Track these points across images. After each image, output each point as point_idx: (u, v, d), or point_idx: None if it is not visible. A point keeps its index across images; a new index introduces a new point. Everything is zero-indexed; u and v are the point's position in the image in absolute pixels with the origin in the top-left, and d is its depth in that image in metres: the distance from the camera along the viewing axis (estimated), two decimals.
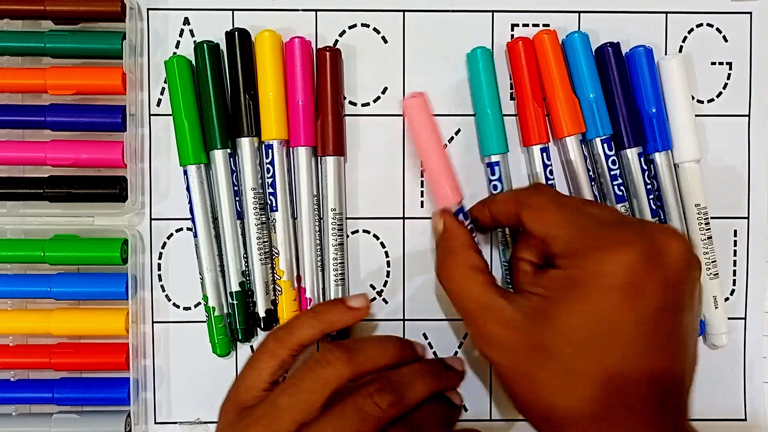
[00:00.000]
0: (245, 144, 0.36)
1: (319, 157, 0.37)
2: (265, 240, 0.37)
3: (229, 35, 0.36)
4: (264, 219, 0.36)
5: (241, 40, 0.36)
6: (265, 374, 0.30)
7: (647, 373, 0.26)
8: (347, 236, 0.38)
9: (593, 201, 0.36)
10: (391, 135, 0.38)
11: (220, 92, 0.36)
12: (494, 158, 0.36)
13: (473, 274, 0.31)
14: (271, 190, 0.36)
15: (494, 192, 0.37)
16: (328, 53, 0.36)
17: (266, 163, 0.36)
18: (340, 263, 0.37)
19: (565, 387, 0.27)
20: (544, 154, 0.36)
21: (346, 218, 0.38)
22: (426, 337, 0.38)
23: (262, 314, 0.37)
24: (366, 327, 0.38)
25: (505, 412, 0.39)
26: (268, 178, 0.36)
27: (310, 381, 0.29)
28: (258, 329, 0.38)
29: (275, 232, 0.36)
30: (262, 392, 0.30)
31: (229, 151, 0.36)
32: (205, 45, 0.36)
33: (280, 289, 0.36)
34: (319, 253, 0.37)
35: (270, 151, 0.36)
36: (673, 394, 0.27)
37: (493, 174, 0.37)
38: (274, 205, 0.36)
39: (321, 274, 0.37)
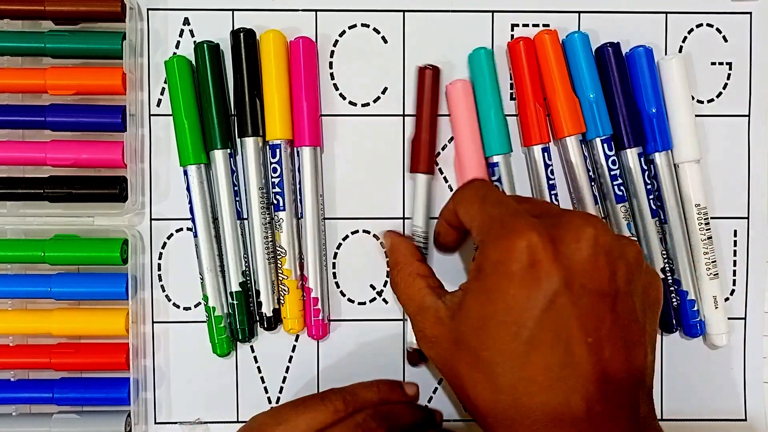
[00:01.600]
0: (250, 144, 0.36)
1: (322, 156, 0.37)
2: (271, 240, 0.36)
3: (234, 35, 0.36)
4: (269, 219, 0.36)
5: (246, 40, 0.36)
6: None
7: (557, 362, 0.25)
8: (347, 236, 0.38)
9: (530, 198, 0.36)
10: (392, 135, 0.38)
11: (220, 92, 0.36)
12: (495, 159, 0.36)
13: (414, 281, 0.32)
14: (277, 189, 0.36)
15: None
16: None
17: (272, 163, 0.36)
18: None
19: (477, 378, 0.27)
20: (545, 154, 0.36)
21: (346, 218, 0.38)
22: None
23: (269, 314, 0.37)
24: (366, 327, 0.38)
25: None
26: (274, 177, 0.36)
27: (302, 422, 0.31)
28: (258, 329, 0.38)
29: (281, 232, 0.36)
30: None
31: (229, 151, 0.36)
32: (205, 45, 0.36)
33: (286, 288, 0.36)
34: (324, 253, 0.37)
35: (277, 150, 0.36)
36: (592, 386, 0.25)
37: (493, 174, 0.37)
38: (280, 204, 0.36)
39: (325, 274, 0.37)
